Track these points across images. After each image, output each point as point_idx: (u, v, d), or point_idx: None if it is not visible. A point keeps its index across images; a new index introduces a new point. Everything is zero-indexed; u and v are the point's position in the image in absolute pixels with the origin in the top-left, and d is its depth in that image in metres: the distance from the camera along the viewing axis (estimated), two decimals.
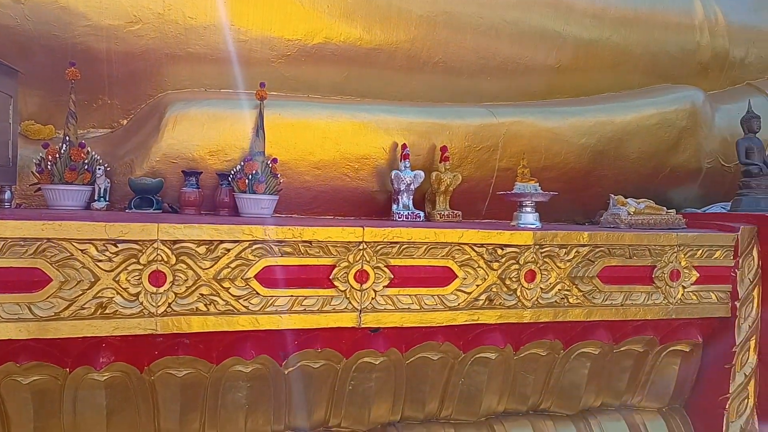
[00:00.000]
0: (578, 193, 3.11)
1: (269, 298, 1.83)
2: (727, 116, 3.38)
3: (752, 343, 2.33)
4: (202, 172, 2.42)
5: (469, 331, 2.09)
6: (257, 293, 1.81)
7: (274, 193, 2.37)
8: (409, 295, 1.97)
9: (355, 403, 2.04)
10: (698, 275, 2.28)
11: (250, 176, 2.32)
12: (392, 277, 1.94)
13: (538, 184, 2.35)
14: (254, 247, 1.80)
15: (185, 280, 1.73)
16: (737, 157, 2.76)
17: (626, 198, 2.56)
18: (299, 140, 2.57)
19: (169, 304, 1.72)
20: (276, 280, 1.84)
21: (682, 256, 2.26)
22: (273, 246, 1.83)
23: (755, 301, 2.34)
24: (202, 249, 1.75)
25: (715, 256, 2.31)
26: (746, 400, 2.31)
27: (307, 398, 2.00)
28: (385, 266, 1.94)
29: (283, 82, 2.75)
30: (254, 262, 1.81)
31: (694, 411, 2.46)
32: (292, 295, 1.85)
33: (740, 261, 2.32)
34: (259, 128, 2.45)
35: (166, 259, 1.71)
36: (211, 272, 1.76)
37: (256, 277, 1.81)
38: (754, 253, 2.35)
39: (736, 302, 2.32)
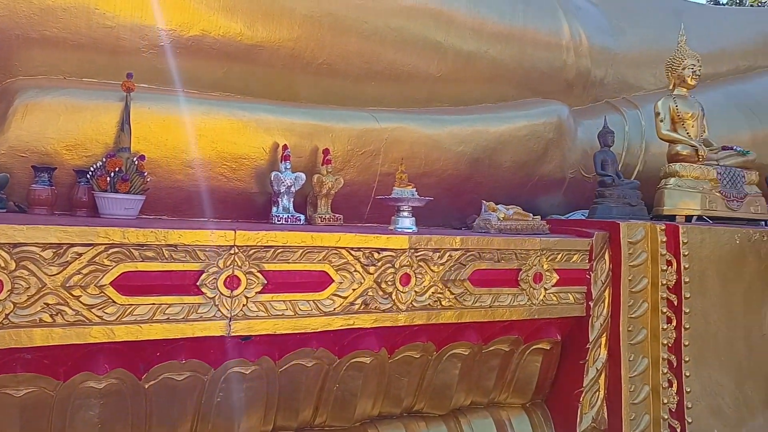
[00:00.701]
0: (456, 198, 3.23)
1: (128, 306, 1.69)
2: (588, 131, 3.68)
3: (603, 339, 2.55)
4: (56, 168, 2.20)
5: (344, 336, 2.08)
6: (113, 301, 1.67)
7: (140, 193, 2.20)
8: (284, 301, 1.92)
9: (224, 415, 1.96)
10: (558, 278, 2.45)
11: (112, 174, 2.14)
12: (266, 282, 1.89)
13: (415, 189, 2.41)
14: (111, 251, 1.66)
15: (27, 288, 1.55)
16: (594, 168, 3.01)
17: (497, 204, 2.70)
18: (171, 137, 2.43)
19: (7, 315, 1.53)
20: (136, 287, 1.71)
21: (545, 259, 2.42)
22: (133, 250, 1.70)
23: (606, 301, 2.56)
24: (48, 253, 1.58)
25: (573, 259, 2.50)
26: (598, 393, 2.53)
27: (170, 414, 1.88)
28: (258, 271, 1.88)
29: (154, 75, 2.57)
30: (111, 267, 1.66)
31: (553, 405, 2.64)
32: (154, 303, 1.73)
33: (594, 264, 2.53)
34: (125, 122, 2.28)
35: (3, 265, 1.52)
36: (58, 279, 1.59)
37: (112, 284, 1.67)
38: (606, 257, 2.58)
39: (590, 302, 2.53)
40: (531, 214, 2.71)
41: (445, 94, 3.45)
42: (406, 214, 2.33)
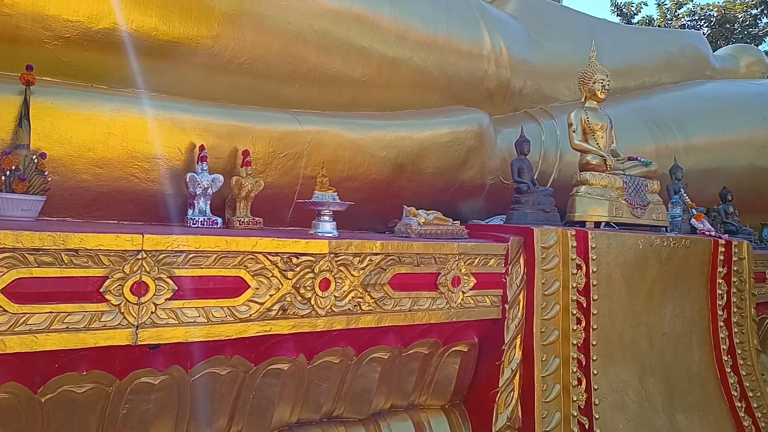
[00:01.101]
0: (380, 202, 3.25)
1: (21, 315, 1.57)
2: (507, 139, 3.82)
3: (518, 341, 2.64)
4: None
5: (261, 343, 2.04)
6: (5, 310, 1.55)
7: (40, 193, 2.06)
8: (196, 308, 1.85)
9: (130, 428, 1.85)
10: (475, 281, 2.52)
11: (8, 172, 1.98)
12: (176, 288, 1.81)
13: (336, 193, 2.39)
14: (2, 256, 1.54)
15: None
16: (512, 174, 3.12)
17: (418, 209, 2.73)
18: (76, 134, 2.28)
19: None
20: (31, 294, 1.59)
21: (463, 263, 2.47)
22: (27, 255, 1.58)
23: (521, 303, 2.65)
24: None
25: (490, 263, 2.57)
26: (512, 392, 2.61)
27: (70, 428, 1.76)
28: (169, 277, 1.79)
29: (59, 68, 2.41)
30: (1, 274, 1.54)
31: (471, 405, 2.70)
32: (51, 312, 1.61)
33: (510, 268, 2.62)
34: (23, 117, 2.12)
35: None
36: None
37: (3, 291, 1.54)
38: (521, 261, 2.67)
39: (506, 305, 2.61)
40: (451, 219, 2.76)
41: (370, 98, 3.46)
42: (326, 218, 2.31)
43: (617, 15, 21.81)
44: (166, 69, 2.71)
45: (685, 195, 3.66)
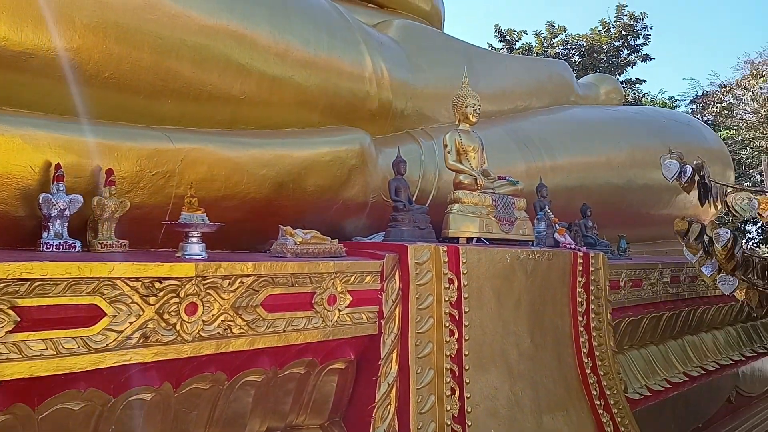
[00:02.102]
0: (260, 222, 3.21)
1: None
2: (389, 158, 3.90)
3: (394, 355, 2.71)
4: None
5: (120, 374, 1.93)
6: None
7: None
8: (43, 340, 1.72)
9: None
10: (351, 299, 2.56)
11: None
12: (19, 320, 1.67)
13: (205, 214, 2.34)
14: None
15: None
16: (389, 194, 3.22)
17: (296, 228, 2.74)
18: None
19: None
20: None
21: (338, 282, 2.51)
22: None
23: (397, 318, 2.73)
24: None
25: (366, 281, 2.63)
26: (389, 406, 2.67)
27: None
28: (10, 308, 1.65)
29: None
30: None
31: (349, 422, 2.72)
32: None
33: (385, 284, 2.69)
34: None
35: None
36: None
37: None
38: (396, 277, 2.75)
39: (382, 320, 2.67)
40: (329, 238, 2.79)
41: (250, 116, 3.43)
42: (195, 240, 2.25)
43: (501, 41, 23.31)
44: (20, 82, 2.51)
45: (549, 211, 3.97)
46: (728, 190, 3.87)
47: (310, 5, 3.75)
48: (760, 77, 18.18)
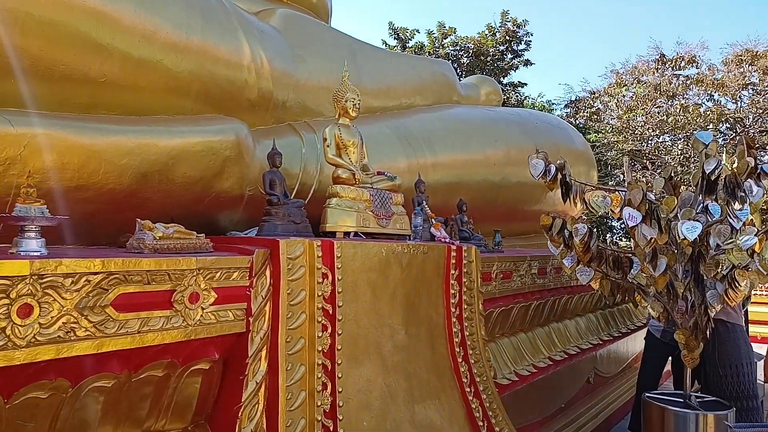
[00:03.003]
0: (121, 214, 2.99)
1: None
2: (268, 150, 3.83)
3: (264, 353, 2.64)
4: None
5: None
6: None
7: None
8: None
9: None
10: (217, 296, 2.45)
11: None
12: None
13: (45, 206, 2.12)
14: None
15: None
16: (263, 187, 3.14)
17: (158, 222, 2.57)
18: None
19: None
20: None
21: (202, 279, 2.39)
22: None
23: (267, 315, 2.66)
24: None
25: (233, 277, 2.53)
26: (257, 406, 2.59)
27: None
28: None
29: None
30: None
31: (215, 424, 2.62)
32: None
33: (255, 281, 2.61)
34: None
35: None
36: None
37: None
38: (267, 272, 2.68)
39: (250, 318, 2.59)
40: (195, 233, 2.65)
41: (112, 101, 3.18)
42: (32, 234, 2.03)
43: (395, 38, 23.73)
44: None
45: (426, 206, 4.07)
46: (586, 189, 4.21)
47: None
48: (623, 86, 20.05)
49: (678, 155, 18.53)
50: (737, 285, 3.61)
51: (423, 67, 6.47)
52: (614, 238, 18.32)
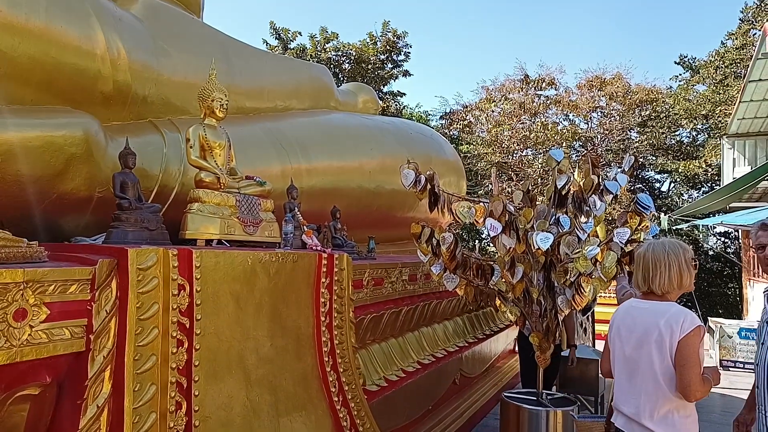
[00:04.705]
0: None
1: None
2: None
3: (107, 373, 2.39)
4: None
5: None
6: None
7: None
8: None
9: None
10: (49, 312, 2.17)
11: None
12: None
13: None
14: None
15: None
16: (113, 189, 2.86)
17: None
18: None
19: None
20: None
21: (31, 293, 2.11)
22: None
23: (112, 332, 2.41)
24: None
25: (70, 290, 2.26)
26: (98, 431, 2.34)
27: None
28: None
29: None
30: None
31: None
32: None
33: (97, 294, 2.36)
34: None
35: None
36: None
37: None
38: (113, 285, 2.43)
39: (91, 335, 2.33)
40: (26, 240, 2.34)
41: None
42: None
43: (276, 38, 23.30)
44: None
45: (298, 213, 3.99)
46: (453, 199, 4.37)
47: None
48: (492, 102, 21.41)
49: (539, 168, 20.13)
50: (583, 291, 3.94)
51: (301, 71, 6.37)
52: (482, 244, 19.45)
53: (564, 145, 19.52)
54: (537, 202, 4.42)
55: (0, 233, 2.23)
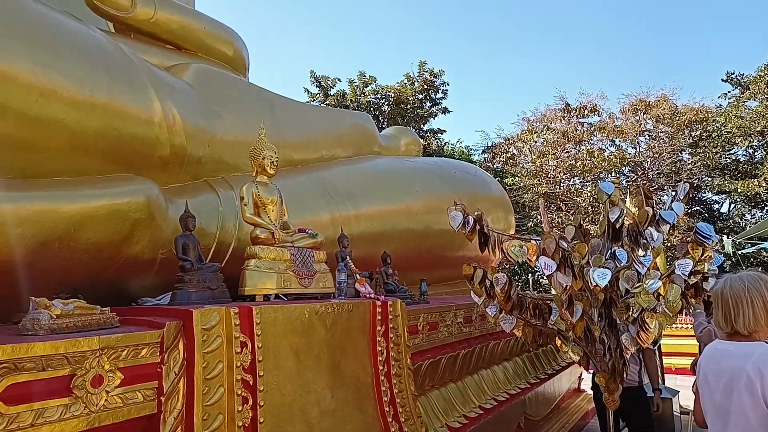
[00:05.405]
0: (12, 289, 2.72)
1: None
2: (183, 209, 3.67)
3: None
4: None
5: None
6: None
7: None
8: None
9: None
10: (123, 377, 2.25)
11: None
12: None
13: None
14: None
15: None
16: (175, 252, 2.97)
17: (59, 294, 2.36)
18: None
19: None
20: None
21: (106, 359, 2.19)
22: None
23: (180, 392, 2.47)
24: None
25: (141, 354, 2.34)
26: None
27: None
28: None
29: None
30: None
31: None
32: None
33: (166, 356, 2.43)
34: None
35: None
36: None
37: None
38: (180, 346, 2.51)
39: (162, 397, 2.39)
40: (99, 307, 2.45)
41: (7, 162, 2.94)
42: None
43: (317, 86, 24.03)
44: None
45: (350, 261, 4.03)
46: (503, 238, 4.32)
47: (85, 43, 3.40)
48: (534, 132, 21.28)
49: (588, 196, 19.72)
50: (647, 327, 3.78)
51: (342, 119, 6.53)
52: (535, 276, 19.02)
53: (612, 171, 19.09)
54: (590, 237, 4.32)
55: (76, 302, 2.35)
